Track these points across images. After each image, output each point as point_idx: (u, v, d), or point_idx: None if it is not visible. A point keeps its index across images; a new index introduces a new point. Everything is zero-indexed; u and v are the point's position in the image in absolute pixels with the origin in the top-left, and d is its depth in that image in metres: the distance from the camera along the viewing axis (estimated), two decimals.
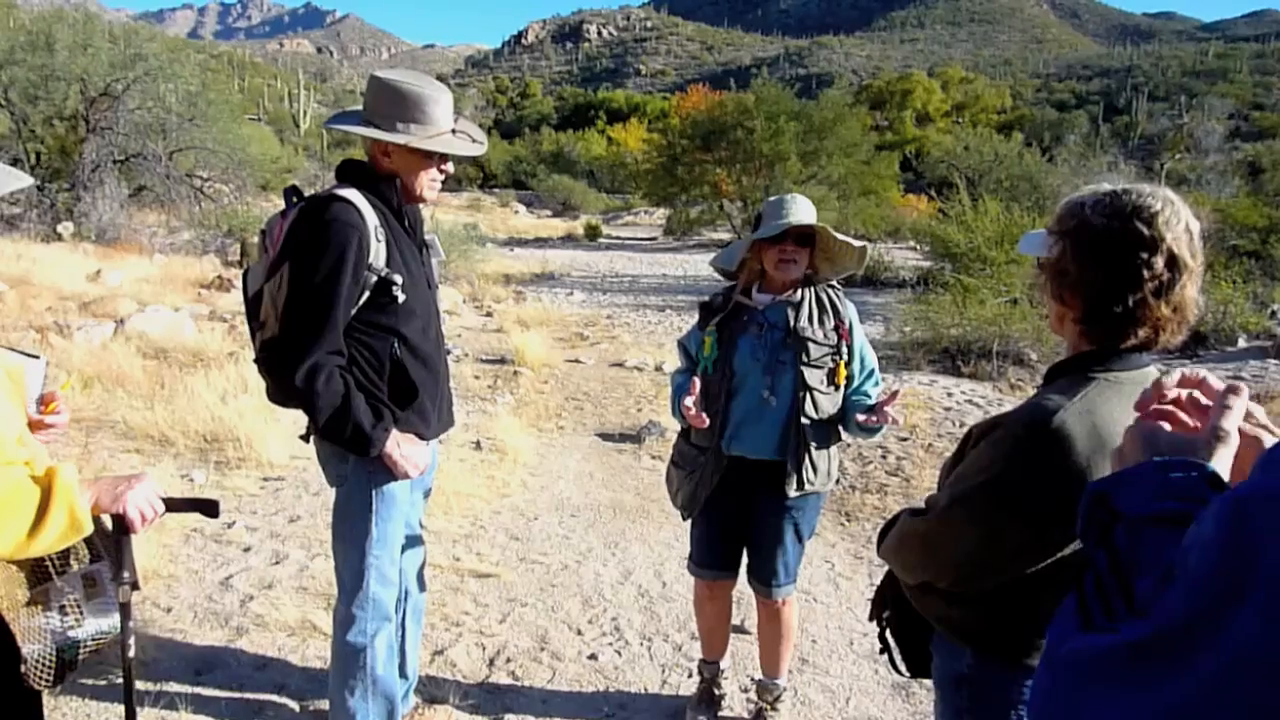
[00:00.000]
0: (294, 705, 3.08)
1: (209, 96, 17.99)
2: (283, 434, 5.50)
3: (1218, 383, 0.94)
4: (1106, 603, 0.70)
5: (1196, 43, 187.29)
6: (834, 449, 2.87)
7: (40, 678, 1.65)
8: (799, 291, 2.82)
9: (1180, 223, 1.43)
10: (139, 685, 3.03)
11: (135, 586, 1.76)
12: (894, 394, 2.71)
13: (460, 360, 9.08)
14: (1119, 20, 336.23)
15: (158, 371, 7.13)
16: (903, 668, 1.85)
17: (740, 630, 3.66)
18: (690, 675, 3.39)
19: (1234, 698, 0.54)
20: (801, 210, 2.76)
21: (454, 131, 2.43)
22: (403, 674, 2.86)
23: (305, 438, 2.48)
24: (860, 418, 2.70)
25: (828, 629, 3.87)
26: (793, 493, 2.75)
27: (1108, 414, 1.42)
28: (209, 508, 1.89)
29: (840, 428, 2.90)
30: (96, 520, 1.65)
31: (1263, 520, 0.57)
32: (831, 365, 2.78)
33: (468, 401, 7.49)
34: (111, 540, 1.73)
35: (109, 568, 1.73)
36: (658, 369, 9.08)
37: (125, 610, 1.75)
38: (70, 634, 1.67)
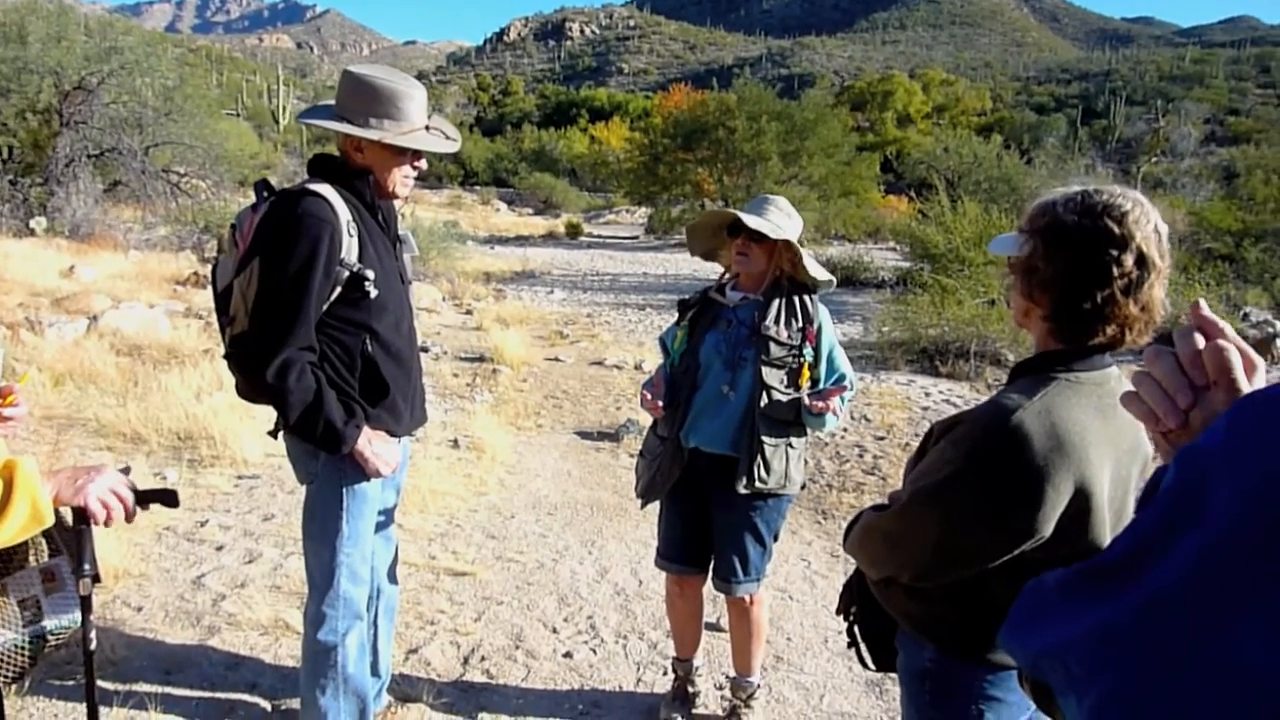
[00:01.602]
0: (265, 705, 3.05)
1: (186, 91, 17.78)
2: (258, 431, 5.45)
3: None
4: None
5: (1174, 48, 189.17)
6: (794, 452, 2.86)
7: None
8: (771, 292, 2.85)
9: (1150, 223, 1.46)
10: (107, 685, 3.00)
11: (96, 579, 1.74)
12: (842, 388, 2.77)
13: (439, 358, 9.04)
14: (1098, 24, 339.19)
15: (131, 368, 7.05)
16: (870, 663, 1.87)
17: (716, 628, 3.67)
18: (665, 673, 3.40)
19: (1155, 627, 0.59)
20: (767, 211, 2.83)
21: (427, 128, 2.42)
22: (375, 672, 2.84)
23: (274, 434, 2.46)
24: (807, 400, 2.75)
25: (803, 626, 3.88)
26: (742, 490, 2.76)
27: (1066, 414, 1.45)
28: (168, 498, 1.85)
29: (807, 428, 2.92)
30: (56, 514, 1.62)
31: (1204, 473, 0.61)
32: (794, 366, 2.80)
33: (446, 399, 7.46)
34: (72, 533, 1.71)
35: (68, 562, 1.71)
36: (637, 367, 9.08)
37: (86, 604, 1.72)
38: (29, 629, 1.65)
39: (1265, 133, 54.93)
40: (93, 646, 1.79)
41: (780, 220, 2.83)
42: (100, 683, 2.99)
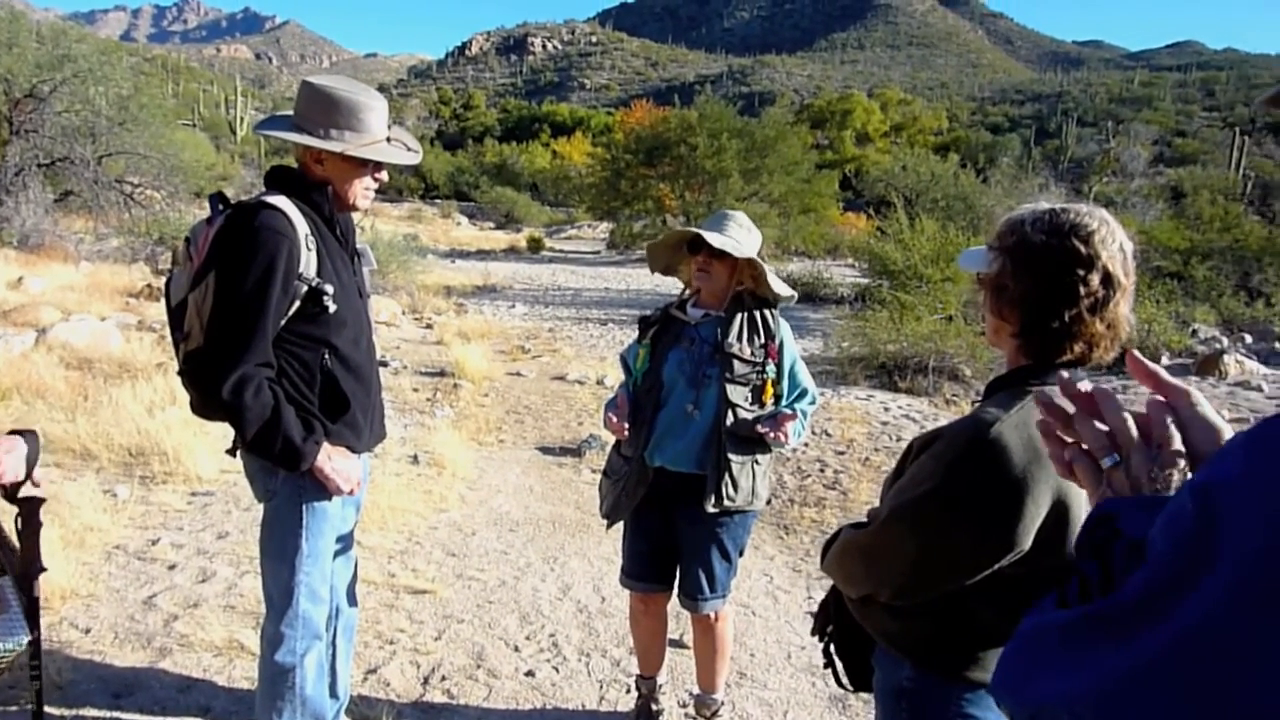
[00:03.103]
0: None
1: (141, 100, 17.52)
2: (212, 447, 5.35)
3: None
4: (1086, 596, 0.73)
5: (1123, 70, 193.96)
6: (760, 468, 2.86)
7: None
8: (732, 309, 2.85)
9: (1115, 242, 1.48)
10: (54, 710, 2.91)
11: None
12: (794, 414, 2.76)
13: (399, 373, 8.95)
14: (1050, 47, 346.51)
15: (81, 383, 6.89)
16: (845, 682, 1.86)
17: (679, 645, 3.65)
18: (629, 691, 3.37)
19: (1179, 671, 0.56)
20: (727, 226, 2.83)
21: (389, 140, 2.39)
22: (333, 694, 2.78)
23: (232, 451, 2.41)
24: (761, 429, 2.74)
25: (766, 642, 3.87)
26: (710, 508, 2.75)
27: None
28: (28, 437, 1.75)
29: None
30: (1, 533, 1.56)
31: (1219, 506, 0.58)
32: (758, 383, 2.80)
33: (405, 414, 7.38)
34: (21, 533, 1.65)
35: (12, 583, 1.64)
36: (599, 382, 9.06)
37: (34, 606, 1.65)
38: None
39: (1211, 154, 56.37)
40: (43, 644, 1.72)
41: (741, 236, 2.83)
42: (47, 708, 2.89)
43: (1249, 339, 13.32)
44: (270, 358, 2.21)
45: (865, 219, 28.03)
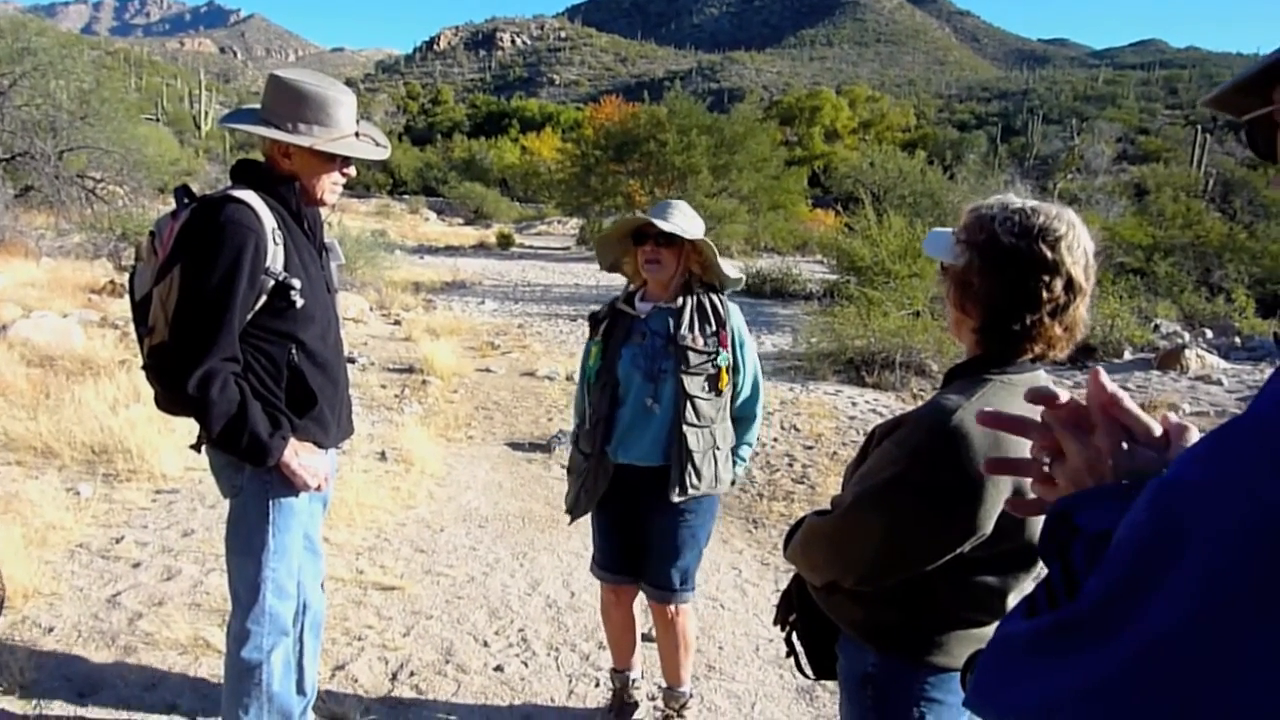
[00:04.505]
0: None
1: (103, 94, 17.27)
2: (177, 444, 5.29)
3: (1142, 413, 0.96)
4: (1053, 601, 0.73)
5: (1088, 69, 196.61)
6: (720, 454, 2.88)
7: None
8: (681, 298, 2.86)
9: (1079, 247, 1.51)
10: (16, 710, 2.88)
11: None
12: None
13: (367, 369, 8.90)
14: (1016, 45, 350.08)
15: (43, 380, 6.79)
16: (809, 671, 1.88)
17: (650, 639, 3.67)
18: (598, 685, 3.39)
19: (1151, 676, 0.55)
20: (671, 214, 2.84)
21: (357, 134, 2.39)
22: (301, 690, 2.77)
23: (196, 447, 2.39)
24: None
25: (734, 635, 3.90)
26: (675, 498, 2.78)
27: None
28: None
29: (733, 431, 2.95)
30: None
31: (1185, 509, 0.58)
32: (713, 371, 2.82)
33: (373, 411, 7.34)
34: None
35: None
36: (568, 378, 9.05)
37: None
38: None
39: (1173, 151, 57.05)
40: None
41: (685, 223, 2.84)
42: (9, 707, 2.88)
43: (1210, 334, 13.53)
44: (236, 352, 2.20)
45: (834, 215, 28.17)
